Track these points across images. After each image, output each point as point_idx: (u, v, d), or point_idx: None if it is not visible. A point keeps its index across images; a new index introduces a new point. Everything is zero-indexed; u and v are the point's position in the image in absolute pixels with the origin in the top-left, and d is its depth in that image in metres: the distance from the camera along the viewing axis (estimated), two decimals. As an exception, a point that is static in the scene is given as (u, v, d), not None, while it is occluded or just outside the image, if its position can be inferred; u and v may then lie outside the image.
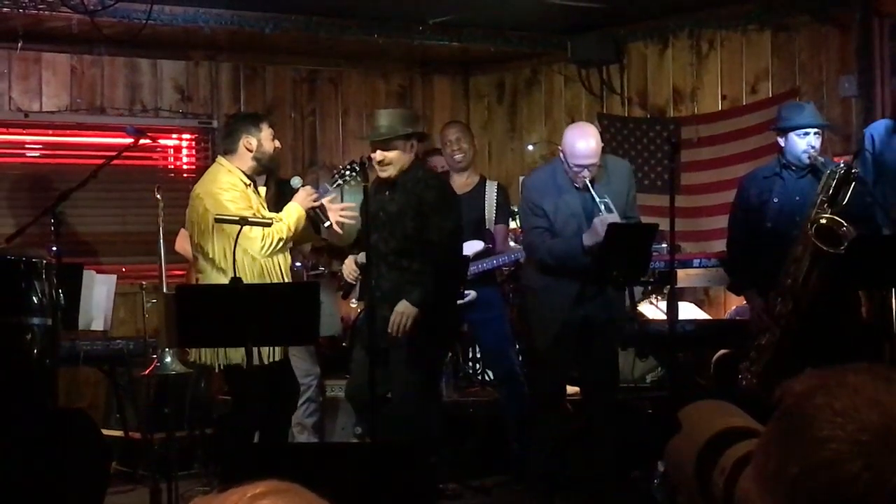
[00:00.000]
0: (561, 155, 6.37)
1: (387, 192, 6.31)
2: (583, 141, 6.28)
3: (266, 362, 6.09)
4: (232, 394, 6.45)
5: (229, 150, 6.33)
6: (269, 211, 6.34)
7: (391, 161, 6.22)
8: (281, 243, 6.13)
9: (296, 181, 6.42)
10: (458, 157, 7.62)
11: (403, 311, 6.22)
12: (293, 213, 6.19)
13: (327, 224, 6.30)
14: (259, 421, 6.28)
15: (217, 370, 6.46)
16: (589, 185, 6.24)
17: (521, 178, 8.42)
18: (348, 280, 6.44)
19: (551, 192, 6.37)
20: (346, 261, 6.44)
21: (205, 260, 6.20)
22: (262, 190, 6.53)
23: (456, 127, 7.90)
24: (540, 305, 6.44)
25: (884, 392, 1.17)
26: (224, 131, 6.65)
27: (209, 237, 6.13)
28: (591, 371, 6.50)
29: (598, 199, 6.21)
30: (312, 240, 6.96)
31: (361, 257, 6.22)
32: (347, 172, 6.42)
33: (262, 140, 6.30)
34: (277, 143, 6.43)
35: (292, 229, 6.16)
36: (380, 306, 6.15)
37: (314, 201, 6.23)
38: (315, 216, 6.26)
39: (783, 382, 1.23)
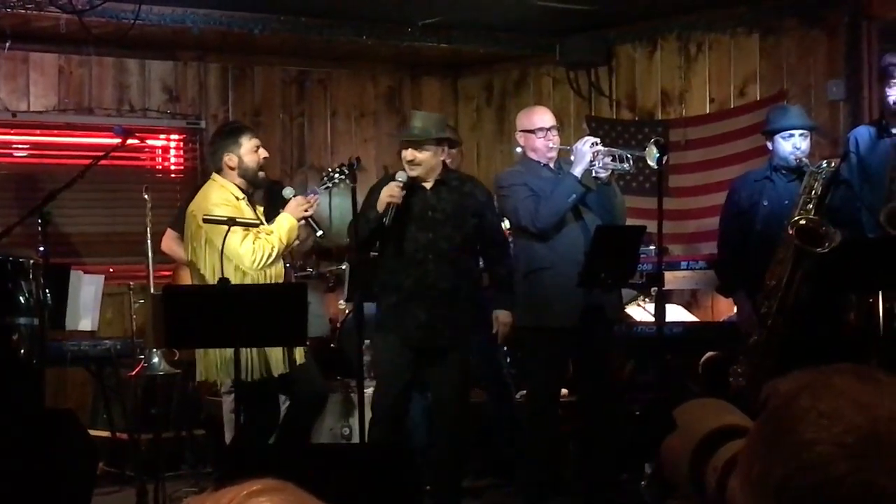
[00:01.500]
0: (522, 140, 6.57)
1: (428, 193, 6.30)
2: (536, 108, 6.88)
3: (275, 374, 6.08)
4: (244, 406, 6.41)
5: (218, 169, 6.32)
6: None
7: (420, 162, 6.23)
8: (273, 256, 6.08)
9: (288, 191, 6.37)
10: (447, 160, 7.58)
11: (505, 320, 6.40)
12: (285, 224, 6.15)
13: (320, 234, 6.29)
14: (278, 425, 6.30)
15: (219, 385, 6.45)
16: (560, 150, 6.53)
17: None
18: (392, 200, 6.14)
19: (526, 175, 6.51)
20: (390, 184, 6.21)
21: (197, 278, 6.18)
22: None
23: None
24: (552, 284, 6.39)
25: (870, 394, 1.17)
26: (208, 150, 6.61)
27: (202, 254, 6.11)
28: (589, 372, 6.51)
29: (569, 148, 6.49)
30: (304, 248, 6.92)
31: (402, 175, 6.19)
32: (336, 175, 6.41)
33: (243, 155, 6.25)
34: (263, 154, 6.34)
35: (284, 241, 6.12)
36: (439, 305, 6.20)
37: (305, 211, 6.19)
38: (307, 226, 6.24)
39: (769, 383, 1.23)
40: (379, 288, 6.39)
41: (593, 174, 6.38)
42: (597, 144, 6.41)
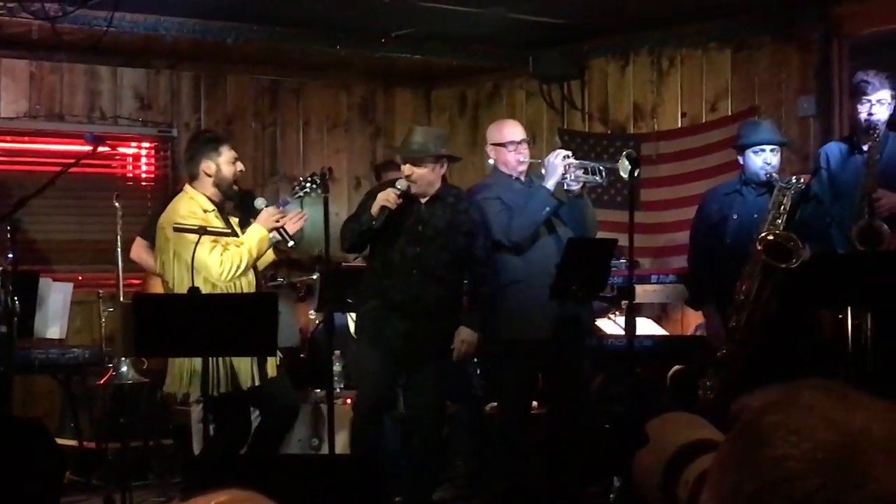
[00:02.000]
0: (493, 154, 6.60)
1: (422, 208, 6.32)
2: (506, 121, 6.87)
3: (244, 388, 6.06)
4: (214, 418, 6.38)
5: (193, 176, 6.30)
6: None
7: (418, 178, 6.25)
8: (242, 267, 6.06)
9: (259, 202, 6.35)
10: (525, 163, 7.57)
11: (468, 339, 6.37)
12: (255, 235, 6.14)
13: (291, 244, 6.27)
14: (247, 438, 6.28)
15: (181, 397, 6.41)
16: (530, 162, 6.55)
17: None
18: (387, 205, 6.16)
19: (497, 190, 6.52)
20: (388, 189, 6.24)
21: (165, 290, 6.16)
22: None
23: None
24: (527, 296, 6.39)
25: (839, 410, 1.17)
26: (185, 155, 6.58)
27: (170, 266, 6.08)
28: (561, 384, 6.52)
29: (541, 161, 6.52)
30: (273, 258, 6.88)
31: (402, 184, 6.20)
32: (308, 185, 6.41)
33: (221, 164, 6.25)
34: (240, 167, 6.34)
35: (254, 253, 6.10)
36: (421, 318, 6.23)
37: (276, 222, 6.18)
38: (279, 237, 6.23)
39: (739, 399, 1.23)
40: (360, 293, 6.41)
41: (565, 187, 6.39)
42: (569, 157, 6.42)
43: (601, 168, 6.50)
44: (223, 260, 5.99)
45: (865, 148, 6.32)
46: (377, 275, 6.33)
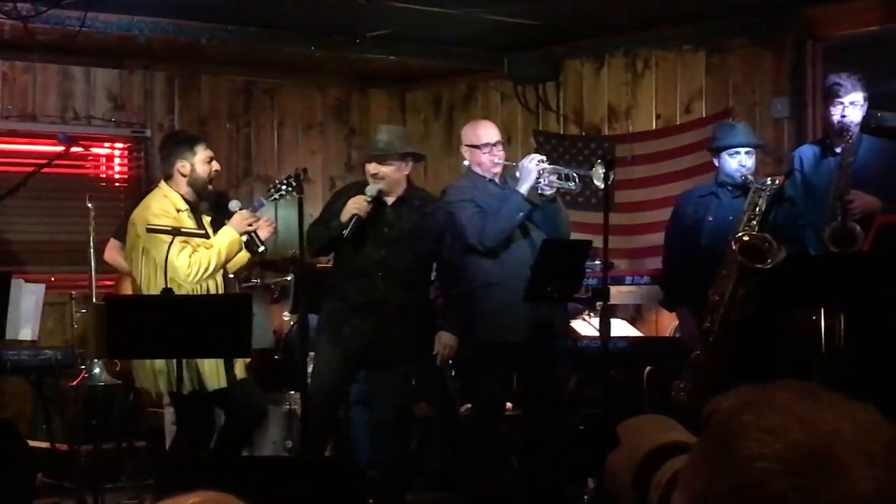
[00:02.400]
0: (467, 154, 6.59)
1: (388, 210, 6.30)
2: (481, 122, 6.87)
3: (209, 388, 6.04)
4: (177, 417, 6.37)
5: (168, 175, 6.29)
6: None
7: (384, 176, 6.23)
8: (210, 270, 6.05)
9: (234, 204, 6.32)
10: (500, 165, 7.53)
11: (449, 342, 6.38)
12: (225, 238, 6.12)
13: (262, 249, 6.26)
14: (211, 438, 6.26)
15: (155, 396, 6.39)
16: (505, 164, 6.56)
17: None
18: (358, 213, 6.14)
19: (472, 190, 6.52)
20: (357, 196, 6.20)
21: (133, 288, 6.14)
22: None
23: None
24: (497, 299, 6.39)
25: (811, 410, 1.17)
26: (161, 153, 6.56)
27: (138, 263, 6.07)
28: (536, 386, 6.52)
29: (514, 164, 6.51)
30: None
31: (371, 190, 6.17)
32: (284, 186, 6.39)
33: (196, 164, 6.24)
34: (216, 166, 6.34)
35: (223, 255, 6.08)
36: (385, 320, 6.22)
37: (249, 226, 6.16)
38: (250, 241, 6.20)
39: (712, 400, 1.23)
40: (325, 295, 6.39)
41: (539, 191, 6.39)
42: (543, 162, 6.42)
43: (575, 174, 6.50)
44: (191, 262, 5.97)
45: (838, 150, 6.34)
46: (342, 277, 6.31)
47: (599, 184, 6.17)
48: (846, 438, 1.15)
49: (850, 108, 6.35)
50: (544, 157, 6.55)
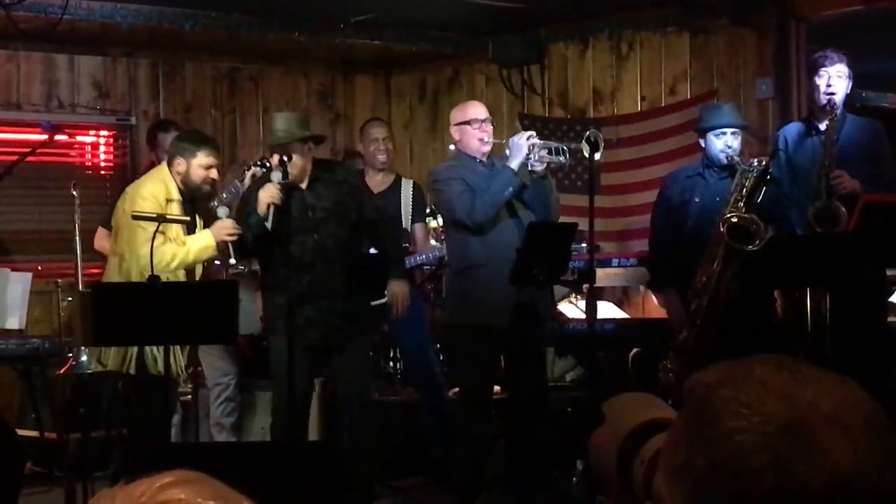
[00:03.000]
0: (457, 134, 6.56)
1: (304, 193, 6.24)
2: (470, 102, 6.85)
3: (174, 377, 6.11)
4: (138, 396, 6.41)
5: (169, 163, 6.32)
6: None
7: (290, 165, 6.14)
8: (173, 265, 6.07)
9: (222, 211, 6.28)
10: (381, 157, 7.50)
11: (401, 290, 6.44)
12: (200, 242, 6.13)
13: (232, 262, 6.27)
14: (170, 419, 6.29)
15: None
16: (494, 142, 6.52)
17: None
18: (273, 201, 6.05)
19: (461, 169, 6.50)
20: (267, 186, 6.11)
21: (112, 256, 6.20)
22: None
23: (383, 126, 7.74)
24: (485, 280, 6.37)
25: (790, 384, 1.18)
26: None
27: (121, 235, 6.11)
28: (525, 367, 6.52)
29: (504, 142, 6.50)
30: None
31: (276, 176, 6.09)
32: (256, 167, 6.37)
33: (192, 167, 6.26)
34: (213, 175, 6.31)
35: (190, 257, 6.10)
36: (333, 302, 6.19)
37: (228, 236, 6.14)
38: (224, 250, 6.20)
39: (692, 375, 1.24)
40: (267, 290, 6.37)
41: (529, 168, 6.38)
42: (532, 138, 6.42)
43: (565, 148, 6.50)
44: (164, 252, 6.00)
45: (823, 127, 6.36)
46: (280, 273, 6.21)
47: (588, 154, 6.16)
48: (825, 412, 1.16)
49: (836, 78, 6.35)
50: (534, 133, 6.54)
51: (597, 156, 6.21)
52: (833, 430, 1.15)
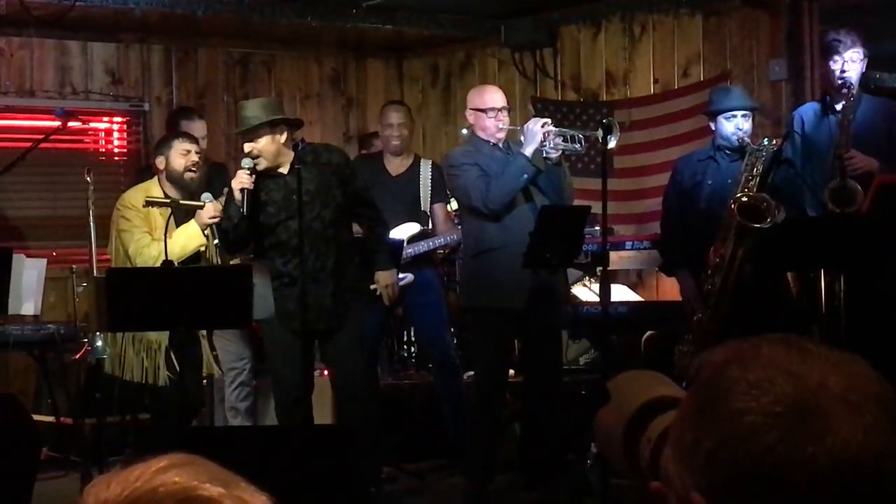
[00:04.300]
0: (472, 118, 6.57)
1: (287, 178, 6.18)
2: (487, 87, 6.85)
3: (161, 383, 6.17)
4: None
5: (155, 168, 6.42)
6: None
7: (261, 151, 6.12)
8: (161, 261, 6.11)
9: (205, 196, 6.28)
10: (394, 143, 7.49)
11: (388, 280, 6.43)
12: (186, 230, 6.19)
13: (216, 242, 6.28)
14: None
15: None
16: (509, 129, 6.54)
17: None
18: (244, 186, 6.02)
19: (475, 155, 6.49)
20: (238, 173, 6.11)
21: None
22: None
23: (400, 111, 7.65)
24: (501, 265, 6.36)
25: (798, 363, 1.18)
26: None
27: (113, 241, 6.36)
28: (540, 350, 6.53)
29: (519, 128, 6.49)
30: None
31: (247, 162, 6.08)
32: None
33: (171, 157, 6.30)
34: (193, 158, 6.33)
35: (177, 246, 6.12)
36: (325, 285, 6.17)
37: (212, 218, 6.15)
38: (210, 233, 6.22)
39: (700, 355, 1.24)
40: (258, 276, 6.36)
41: (543, 154, 6.38)
42: (547, 125, 6.41)
43: (580, 136, 6.50)
44: (142, 252, 6.15)
45: (839, 108, 6.34)
46: (270, 258, 6.22)
47: (611, 144, 6.16)
48: (833, 391, 1.16)
49: (850, 63, 6.33)
50: (549, 120, 6.53)
51: (613, 143, 6.21)
52: (842, 408, 1.15)
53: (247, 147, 6.13)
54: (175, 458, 1.16)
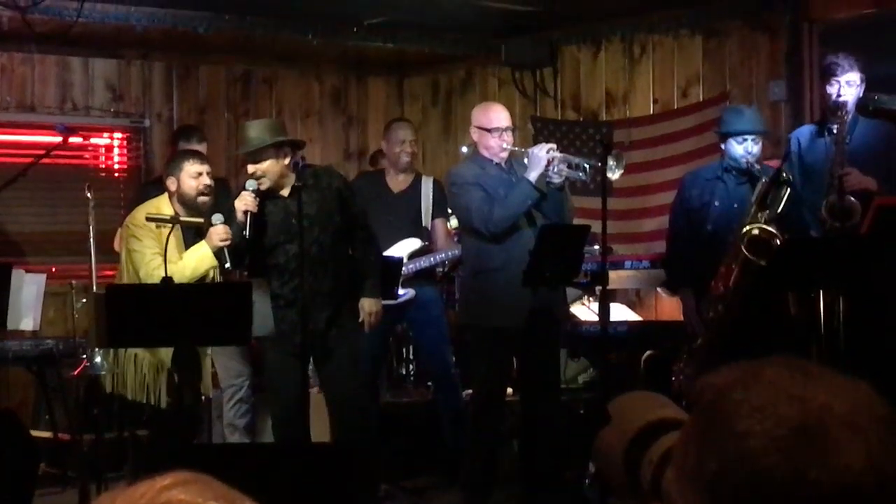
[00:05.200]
0: (476, 136, 6.53)
1: (287, 201, 6.17)
2: (493, 106, 6.74)
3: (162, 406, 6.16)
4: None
5: (167, 187, 6.37)
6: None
7: (265, 173, 6.11)
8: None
9: (216, 217, 6.27)
10: (405, 159, 7.49)
11: (373, 308, 6.30)
12: (197, 252, 6.16)
13: (227, 265, 6.26)
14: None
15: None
16: (512, 150, 6.51)
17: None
18: (248, 209, 6.02)
19: (478, 175, 6.47)
20: (242, 194, 6.09)
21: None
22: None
23: (410, 128, 7.69)
24: (499, 285, 6.36)
25: (801, 386, 1.19)
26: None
27: (123, 260, 6.32)
28: (538, 368, 6.52)
29: (523, 150, 6.47)
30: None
31: (251, 184, 6.08)
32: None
33: (182, 180, 6.27)
34: (205, 181, 6.29)
35: (188, 269, 6.12)
36: (320, 308, 6.15)
37: (222, 241, 6.11)
38: (220, 255, 6.19)
39: (703, 377, 1.25)
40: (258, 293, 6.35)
41: (547, 179, 6.38)
42: (553, 150, 6.39)
43: (585, 164, 6.47)
44: (152, 274, 6.10)
45: (835, 129, 6.35)
46: (267, 281, 6.22)
47: (611, 175, 6.16)
48: (836, 414, 1.16)
49: (846, 87, 6.35)
50: (554, 146, 6.50)
51: (616, 175, 6.20)
52: (845, 431, 1.15)
53: (250, 168, 6.13)
54: (180, 475, 1.16)
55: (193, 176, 6.25)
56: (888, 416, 1.18)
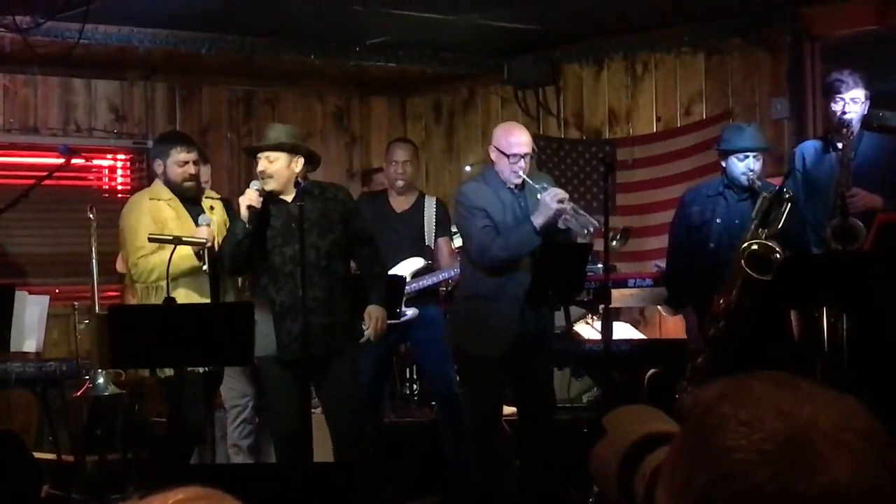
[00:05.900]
0: (493, 155, 6.44)
1: (290, 206, 6.20)
2: (516, 130, 6.57)
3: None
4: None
5: (154, 168, 6.59)
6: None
7: (273, 172, 6.15)
8: (153, 278, 6.28)
9: (202, 219, 6.34)
10: (399, 182, 7.51)
11: (378, 315, 6.30)
12: (177, 251, 6.22)
13: (204, 267, 6.30)
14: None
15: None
16: (525, 178, 6.35)
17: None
18: (252, 204, 6.07)
19: (488, 196, 6.40)
20: (246, 191, 6.17)
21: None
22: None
23: (405, 149, 7.67)
24: (488, 314, 6.34)
25: (789, 401, 1.18)
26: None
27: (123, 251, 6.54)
28: (531, 391, 6.50)
29: (537, 187, 6.31)
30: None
31: (256, 183, 6.13)
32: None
33: (168, 165, 6.45)
34: (190, 170, 6.44)
35: (167, 265, 6.15)
36: (315, 315, 6.13)
37: (199, 237, 6.28)
38: (198, 255, 6.26)
39: (691, 392, 1.24)
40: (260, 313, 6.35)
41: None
42: (566, 201, 6.30)
43: (591, 228, 6.34)
44: (144, 263, 6.30)
45: (840, 146, 6.35)
46: (262, 284, 6.24)
47: (615, 244, 6.14)
48: (823, 428, 1.16)
49: (851, 104, 6.34)
50: (566, 196, 6.40)
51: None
52: (832, 445, 1.15)
53: (261, 164, 6.16)
54: (193, 491, 1.16)
55: (179, 164, 6.42)
56: (874, 430, 1.18)
